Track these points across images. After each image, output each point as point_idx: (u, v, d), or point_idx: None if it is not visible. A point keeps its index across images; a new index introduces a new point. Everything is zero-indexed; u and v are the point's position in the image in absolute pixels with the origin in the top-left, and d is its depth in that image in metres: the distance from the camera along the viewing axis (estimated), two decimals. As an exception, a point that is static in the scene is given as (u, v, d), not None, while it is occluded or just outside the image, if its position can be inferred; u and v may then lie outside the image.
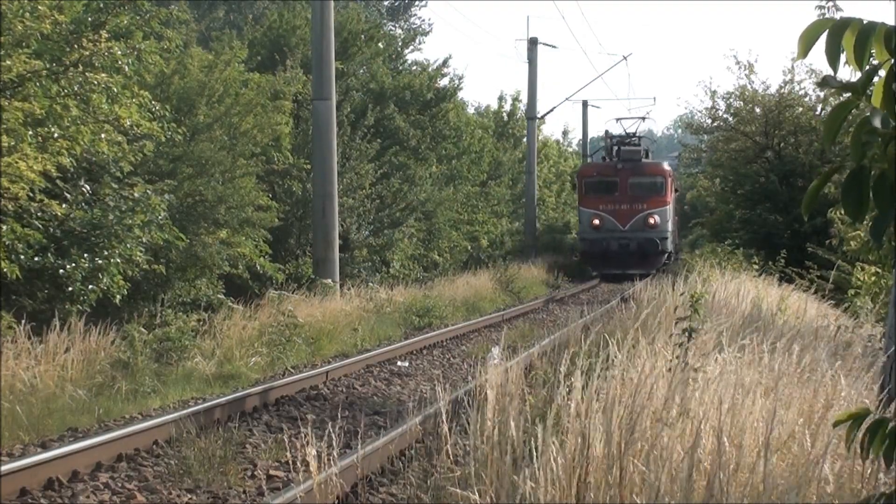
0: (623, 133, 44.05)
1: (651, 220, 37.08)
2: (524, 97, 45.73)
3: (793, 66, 31.64)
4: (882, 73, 2.70)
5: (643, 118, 47.37)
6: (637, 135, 43.93)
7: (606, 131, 44.12)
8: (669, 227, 38.23)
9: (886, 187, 2.66)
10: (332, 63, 21.33)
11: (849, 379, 5.93)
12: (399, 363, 14.76)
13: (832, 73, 2.74)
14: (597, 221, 37.32)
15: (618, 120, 46.39)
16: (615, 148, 41.15)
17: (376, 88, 29.41)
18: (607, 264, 37.13)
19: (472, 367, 12.76)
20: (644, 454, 4.69)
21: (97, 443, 8.34)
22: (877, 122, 2.65)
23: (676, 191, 45.76)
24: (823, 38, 2.68)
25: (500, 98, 47.12)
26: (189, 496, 7.40)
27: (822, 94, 30.05)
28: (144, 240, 13.98)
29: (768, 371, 5.94)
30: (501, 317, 21.95)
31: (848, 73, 2.76)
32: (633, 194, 37.34)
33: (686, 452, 4.53)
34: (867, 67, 2.66)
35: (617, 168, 38.06)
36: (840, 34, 2.65)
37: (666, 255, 38.20)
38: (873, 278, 15.28)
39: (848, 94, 2.75)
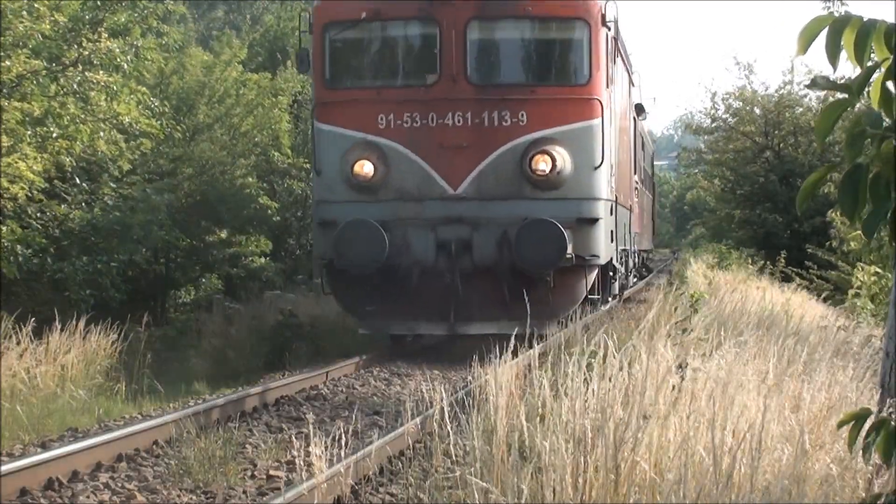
0: None
1: (543, 163, 13.14)
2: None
3: (792, 67, 31.77)
4: (880, 71, 2.69)
5: None
6: None
7: None
8: (603, 187, 13.76)
9: (882, 186, 2.66)
10: (333, 63, 21.26)
11: (849, 380, 5.93)
12: (399, 363, 14.74)
13: (832, 71, 2.74)
14: (368, 167, 13.21)
15: None
16: None
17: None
18: (401, 306, 13.77)
19: (472, 367, 12.75)
20: (643, 453, 4.69)
21: (97, 443, 8.33)
22: (868, 123, 2.65)
23: (637, 92, 21.75)
24: (823, 35, 2.67)
25: None
26: (189, 496, 7.40)
27: (822, 94, 30.10)
28: (144, 241, 14.00)
29: (769, 370, 5.94)
30: (501, 317, 21.81)
31: (849, 69, 2.76)
32: (486, 82, 13.66)
33: (681, 448, 4.53)
34: (867, 65, 2.66)
35: None
36: (840, 31, 2.64)
37: (599, 278, 14.42)
38: (873, 278, 15.28)
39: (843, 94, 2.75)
